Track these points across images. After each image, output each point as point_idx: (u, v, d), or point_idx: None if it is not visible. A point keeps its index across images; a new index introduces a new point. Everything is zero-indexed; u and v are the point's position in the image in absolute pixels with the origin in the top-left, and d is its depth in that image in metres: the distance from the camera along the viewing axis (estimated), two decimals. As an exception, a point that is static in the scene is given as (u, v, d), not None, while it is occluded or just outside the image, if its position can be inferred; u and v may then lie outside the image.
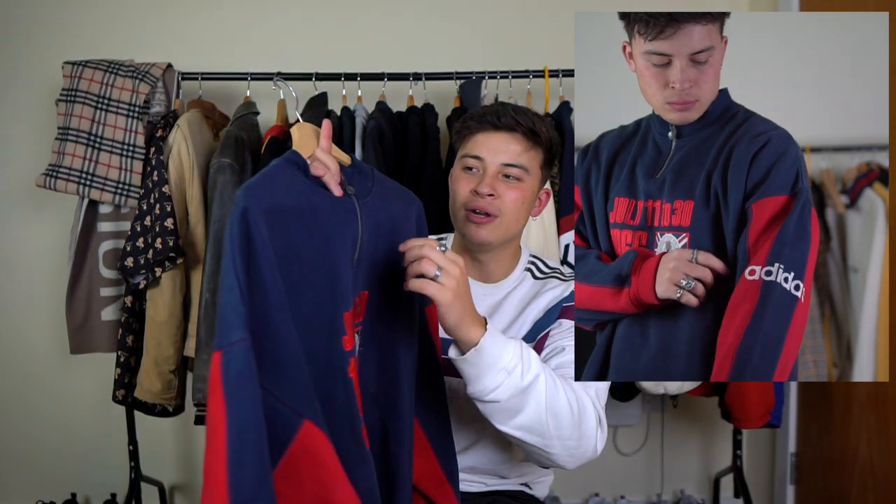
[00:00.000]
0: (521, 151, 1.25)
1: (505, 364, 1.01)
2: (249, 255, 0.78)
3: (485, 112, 1.28)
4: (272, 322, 0.80)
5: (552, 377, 1.07)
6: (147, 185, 1.80)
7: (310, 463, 0.84)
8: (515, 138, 1.25)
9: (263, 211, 0.80)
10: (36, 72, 2.20)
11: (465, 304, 1.01)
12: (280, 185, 0.86)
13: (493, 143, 1.25)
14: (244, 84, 1.99)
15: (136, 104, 1.87)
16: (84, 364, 2.20)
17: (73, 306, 1.89)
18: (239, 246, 0.77)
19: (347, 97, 1.99)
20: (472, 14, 2.32)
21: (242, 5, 2.29)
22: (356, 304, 0.99)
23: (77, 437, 2.34)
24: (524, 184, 1.26)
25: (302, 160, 0.91)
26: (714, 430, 2.48)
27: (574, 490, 2.46)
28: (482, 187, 1.24)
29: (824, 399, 2.10)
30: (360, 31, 2.30)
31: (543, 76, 1.99)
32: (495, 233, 1.26)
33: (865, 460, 1.91)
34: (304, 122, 1.02)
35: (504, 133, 1.25)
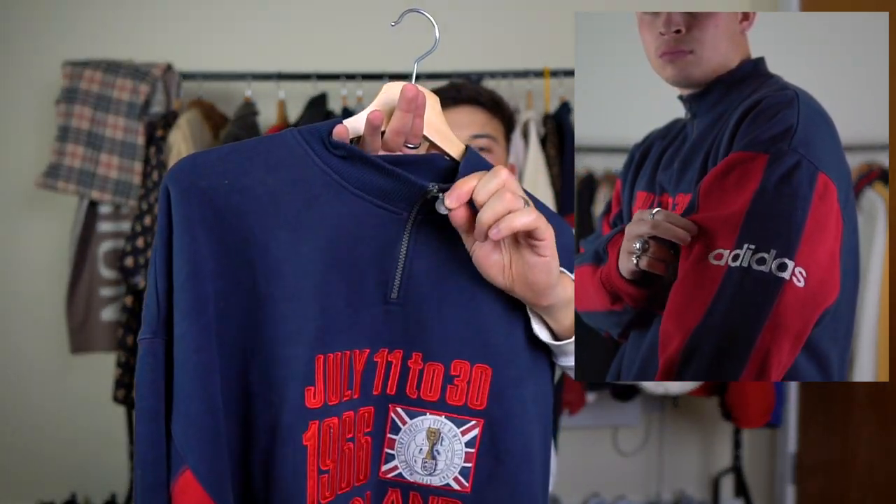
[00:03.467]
0: (486, 121, 1.24)
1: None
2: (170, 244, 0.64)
3: (444, 91, 1.26)
4: (177, 336, 0.64)
5: None
6: (147, 185, 1.80)
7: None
8: (477, 109, 1.24)
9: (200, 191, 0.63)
10: (36, 72, 2.20)
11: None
12: (257, 160, 0.66)
13: (460, 115, 1.23)
14: (244, 84, 1.99)
15: (136, 104, 1.87)
16: (84, 364, 2.20)
17: (73, 306, 1.89)
18: (158, 233, 0.64)
19: (347, 97, 1.99)
20: (472, 14, 2.32)
21: (242, 5, 2.29)
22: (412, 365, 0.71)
23: (77, 437, 2.34)
24: (494, 155, 1.25)
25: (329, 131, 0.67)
26: (714, 430, 2.48)
27: (574, 490, 2.46)
28: None
29: (824, 399, 2.10)
30: (360, 31, 2.30)
31: (543, 76, 1.99)
32: None
33: (865, 460, 1.91)
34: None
35: (465, 106, 1.24)
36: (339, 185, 0.67)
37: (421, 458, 0.73)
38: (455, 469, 0.72)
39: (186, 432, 0.64)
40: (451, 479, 0.73)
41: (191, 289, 0.63)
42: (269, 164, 0.66)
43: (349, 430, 0.70)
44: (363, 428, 0.71)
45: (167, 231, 0.63)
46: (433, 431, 0.72)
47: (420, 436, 0.72)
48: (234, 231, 0.64)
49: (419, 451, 0.73)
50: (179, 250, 0.63)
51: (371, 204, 0.68)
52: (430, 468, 0.73)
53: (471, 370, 0.72)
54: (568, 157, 1.87)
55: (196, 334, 0.64)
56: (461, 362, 0.71)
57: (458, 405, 0.71)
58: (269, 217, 0.65)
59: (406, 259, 0.69)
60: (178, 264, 0.63)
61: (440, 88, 1.28)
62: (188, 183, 0.63)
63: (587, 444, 2.47)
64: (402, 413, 0.72)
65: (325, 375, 0.68)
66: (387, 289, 0.70)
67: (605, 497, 2.45)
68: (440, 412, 0.71)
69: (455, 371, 0.71)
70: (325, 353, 0.67)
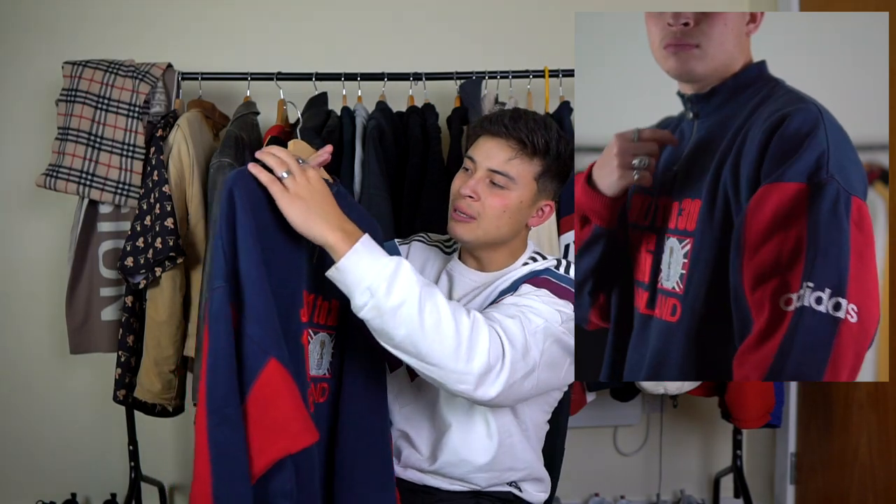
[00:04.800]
0: (508, 159, 1.24)
1: (369, 284, 1.01)
2: (234, 224, 0.99)
3: (490, 116, 1.29)
4: (249, 276, 0.99)
5: (432, 302, 1.04)
6: (147, 185, 1.80)
7: (273, 393, 0.98)
8: (506, 146, 1.25)
9: (249, 191, 1.02)
10: (36, 72, 2.20)
11: (316, 211, 1.04)
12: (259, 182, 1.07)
13: (487, 147, 1.26)
14: (244, 84, 1.99)
15: (136, 104, 1.87)
16: (84, 364, 2.20)
17: (73, 306, 1.89)
18: (225, 217, 0.99)
19: (347, 97, 1.99)
20: (473, 14, 2.32)
21: (242, 5, 2.29)
22: (318, 302, 1.18)
23: (77, 437, 2.34)
24: (509, 192, 1.25)
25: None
26: (714, 430, 2.48)
27: (574, 490, 2.46)
28: (464, 188, 1.26)
29: (824, 399, 2.10)
30: (360, 31, 2.30)
31: (543, 76, 1.99)
32: (472, 233, 1.27)
33: (865, 460, 1.91)
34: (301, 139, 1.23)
35: (498, 139, 1.25)
36: None
37: (317, 359, 1.19)
38: (328, 363, 1.22)
39: (266, 333, 0.99)
40: (326, 369, 1.22)
41: (255, 246, 1.00)
42: None
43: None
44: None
45: (230, 212, 1.00)
46: (322, 341, 1.20)
47: (318, 345, 1.19)
48: (262, 214, 1.04)
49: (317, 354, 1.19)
50: (244, 226, 0.99)
51: None
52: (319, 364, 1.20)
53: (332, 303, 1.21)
54: (568, 157, 1.87)
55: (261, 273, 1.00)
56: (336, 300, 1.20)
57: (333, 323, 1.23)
58: (272, 211, 1.05)
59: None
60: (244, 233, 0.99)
61: (491, 114, 1.30)
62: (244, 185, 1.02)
63: (587, 444, 2.47)
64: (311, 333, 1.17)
65: (307, 304, 1.14)
66: (312, 255, 1.16)
67: (605, 497, 2.45)
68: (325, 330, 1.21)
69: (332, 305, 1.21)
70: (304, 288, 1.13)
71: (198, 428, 0.99)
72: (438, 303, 1.05)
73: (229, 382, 0.97)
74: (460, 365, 1.04)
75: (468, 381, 1.05)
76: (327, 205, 1.06)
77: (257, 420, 0.98)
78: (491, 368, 1.05)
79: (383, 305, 1.01)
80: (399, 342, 1.04)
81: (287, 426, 1.00)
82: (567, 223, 1.85)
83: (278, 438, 0.99)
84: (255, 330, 0.99)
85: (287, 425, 1.00)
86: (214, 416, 0.97)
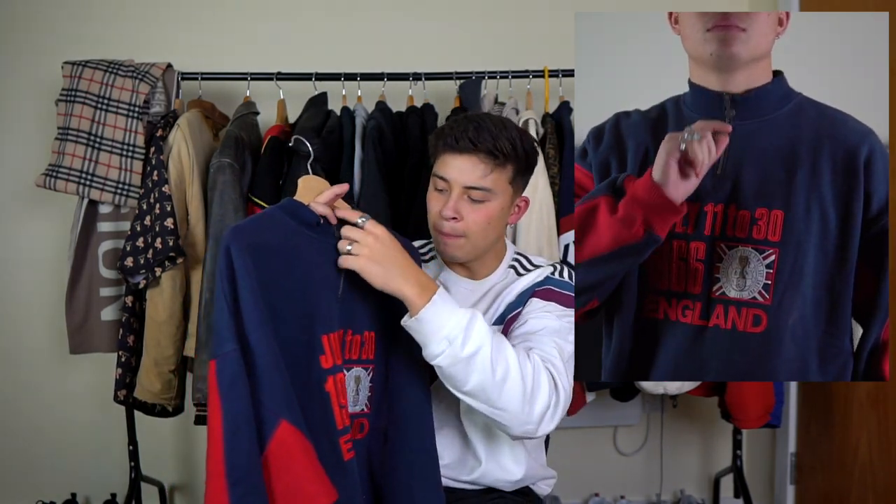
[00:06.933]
0: (484, 175, 1.22)
1: (447, 333, 1.07)
2: (234, 283, 0.97)
3: (447, 132, 1.24)
4: (252, 338, 0.97)
5: (502, 351, 1.10)
6: (147, 185, 1.80)
7: (286, 457, 0.97)
8: (477, 160, 1.22)
9: (246, 246, 0.99)
10: (36, 72, 2.20)
11: (390, 269, 1.09)
12: (266, 227, 1.05)
13: (457, 164, 1.23)
14: (244, 84, 1.99)
15: (136, 104, 1.87)
16: (84, 364, 2.20)
17: (73, 306, 1.89)
18: (226, 276, 0.97)
19: (347, 97, 1.99)
20: (473, 14, 2.32)
21: (242, 6, 2.29)
22: (349, 338, 1.15)
23: (77, 437, 2.34)
24: (490, 203, 1.24)
25: (296, 207, 1.09)
26: (714, 430, 2.48)
27: (574, 490, 2.46)
28: (446, 210, 1.24)
29: (824, 399, 2.10)
30: (360, 31, 2.30)
31: (543, 76, 1.99)
32: (463, 250, 1.28)
33: (865, 460, 1.91)
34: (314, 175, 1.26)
35: (467, 155, 1.22)
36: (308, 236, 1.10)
37: (352, 395, 1.17)
38: (365, 398, 1.19)
39: (275, 395, 0.97)
40: (363, 405, 1.19)
41: (258, 306, 0.97)
42: (274, 229, 1.06)
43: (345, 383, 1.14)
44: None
45: (229, 272, 0.97)
46: (357, 377, 1.18)
47: (352, 381, 1.17)
48: (266, 266, 1.01)
49: (352, 391, 1.17)
50: (244, 285, 0.97)
51: (318, 237, 1.11)
52: (356, 400, 1.18)
53: (364, 335, 1.18)
54: (567, 156, 1.87)
55: (266, 333, 0.97)
56: (369, 332, 1.18)
57: (366, 357, 1.19)
58: (281, 256, 1.04)
59: (342, 273, 1.12)
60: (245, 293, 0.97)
61: (448, 127, 1.26)
62: (240, 241, 0.99)
63: (587, 443, 2.47)
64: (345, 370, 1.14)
65: (330, 347, 1.09)
66: (335, 290, 1.13)
67: (605, 497, 2.45)
68: (360, 365, 1.18)
69: (365, 337, 1.18)
70: (324, 333, 1.08)
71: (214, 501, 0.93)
72: (507, 352, 1.11)
73: (252, 450, 0.94)
74: (525, 409, 1.10)
75: (532, 423, 1.12)
76: (400, 259, 1.10)
77: (272, 486, 0.97)
78: (548, 408, 1.13)
79: (459, 354, 1.07)
80: (470, 389, 1.10)
81: (302, 489, 0.98)
82: (567, 223, 1.85)
83: (295, 501, 0.97)
84: (265, 393, 0.96)
85: (302, 487, 0.98)
86: (239, 487, 0.93)
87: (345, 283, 1.13)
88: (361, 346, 1.18)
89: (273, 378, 0.97)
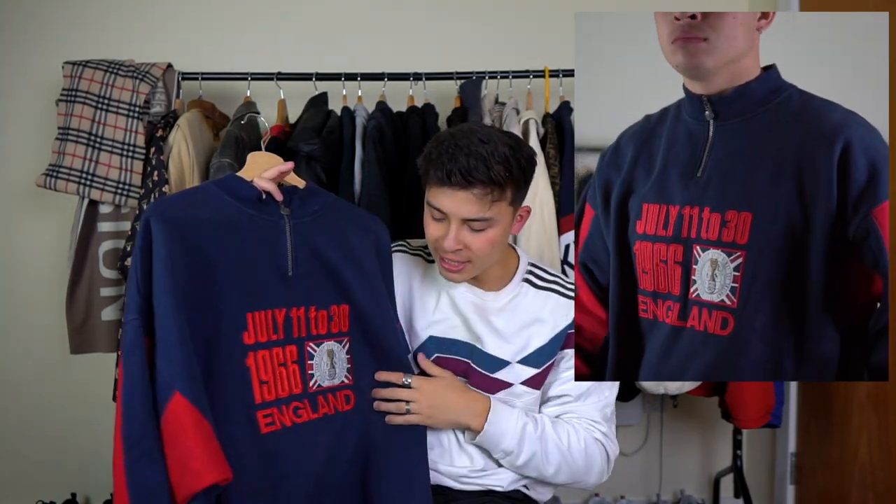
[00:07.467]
0: (482, 208, 1.17)
1: (504, 447, 1.28)
2: (149, 255, 1.00)
3: (435, 161, 1.17)
4: (157, 310, 1.00)
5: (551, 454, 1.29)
6: (147, 185, 1.80)
7: (177, 429, 0.99)
8: (472, 196, 1.16)
9: (168, 219, 1.02)
10: (36, 72, 2.20)
11: (447, 413, 1.26)
12: (197, 201, 1.08)
13: (453, 200, 1.17)
14: (244, 84, 1.99)
15: (136, 104, 1.87)
16: (84, 364, 2.20)
17: (73, 306, 1.88)
18: (140, 248, 1.01)
19: (347, 97, 1.99)
20: (472, 14, 2.32)
21: (242, 5, 2.29)
22: (312, 314, 1.18)
23: (77, 437, 2.34)
24: (492, 229, 1.21)
25: (233, 182, 1.12)
26: (714, 430, 2.48)
27: (574, 490, 2.46)
28: (448, 243, 1.20)
29: (824, 399, 2.10)
30: (360, 30, 2.30)
31: (543, 76, 1.99)
32: (468, 274, 1.27)
33: (865, 460, 1.91)
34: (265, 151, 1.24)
35: (463, 191, 1.15)
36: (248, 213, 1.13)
37: (327, 369, 1.20)
38: (344, 370, 1.22)
39: (171, 366, 0.99)
40: (343, 377, 1.21)
41: (168, 276, 1.00)
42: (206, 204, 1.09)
43: (280, 359, 1.14)
44: (291, 358, 1.16)
45: (145, 243, 1.01)
46: (329, 350, 1.20)
47: (324, 355, 1.19)
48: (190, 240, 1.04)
49: (326, 364, 1.19)
50: (158, 255, 1.00)
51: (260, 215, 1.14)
52: (332, 374, 1.21)
53: (332, 310, 1.20)
54: (568, 156, 1.87)
55: (172, 304, 1.00)
56: (336, 306, 1.20)
57: (338, 331, 1.21)
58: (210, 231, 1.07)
59: (291, 248, 1.15)
60: (157, 264, 1.00)
61: (438, 157, 1.16)
62: (161, 213, 1.03)
63: (587, 444, 2.46)
64: (312, 345, 1.18)
65: (255, 324, 1.11)
66: (283, 269, 1.14)
67: (605, 497, 2.45)
68: (331, 339, 1.21)
69: (332, 312, 1.20)
70: (251, 311, 1.11)
71: (115, 465, 1.01)
72: (561, 446, 1.30)
73: (146, 415, 0.98)
74: (581, 480, 1.35)
75: (590, 486, 1.38)
76: (451, 396, 1.26)
77: (167, 455, 0.99)
78: (602, 470, 1.37)
79: (516, 462, 1.30)
80: (529, 476, 1.35)
81: (188, 464, 0.98)
82: (567, 223, 1.84)
83: (183, 476, 0.98)
84: (162, 363, 0.99)
85: (188, 463, 0.98)
86: (133, 451, 0.98)
87: (295, 262, 1.14)
88: (329, 319, 1.19)
89: (172, 350, 0.99)
